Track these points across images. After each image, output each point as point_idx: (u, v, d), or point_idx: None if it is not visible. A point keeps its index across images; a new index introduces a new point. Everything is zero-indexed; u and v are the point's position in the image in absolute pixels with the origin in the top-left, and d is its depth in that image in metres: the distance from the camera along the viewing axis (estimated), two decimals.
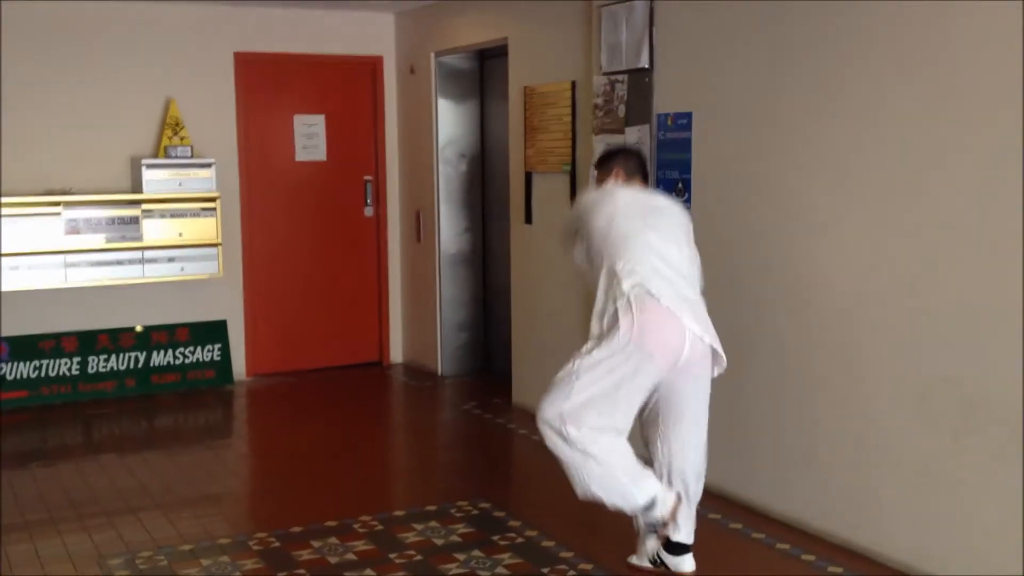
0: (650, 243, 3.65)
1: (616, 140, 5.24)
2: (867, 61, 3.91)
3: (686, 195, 4.83)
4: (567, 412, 3.48)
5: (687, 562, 3.80)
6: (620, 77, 5.21)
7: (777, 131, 4.34)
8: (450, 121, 7.28)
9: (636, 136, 5.11)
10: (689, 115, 4.80)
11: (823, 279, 4.15)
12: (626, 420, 3.56)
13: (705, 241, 4.74)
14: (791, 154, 4.28)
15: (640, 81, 5.08)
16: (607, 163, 4.07)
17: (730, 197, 4.62)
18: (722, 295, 4.66)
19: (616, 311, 3.53)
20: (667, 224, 3.79)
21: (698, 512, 4.37)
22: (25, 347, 6.62)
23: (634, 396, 3.55)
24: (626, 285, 3.54)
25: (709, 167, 4.72)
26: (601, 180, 4.03)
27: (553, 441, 3.55)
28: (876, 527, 3.95)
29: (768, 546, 4.14)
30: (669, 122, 4.93)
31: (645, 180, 4.07)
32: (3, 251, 6.23)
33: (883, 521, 3.93)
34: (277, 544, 4.22)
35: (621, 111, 5.23)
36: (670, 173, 4.93)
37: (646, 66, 5.03)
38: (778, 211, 4.36)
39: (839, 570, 3.88)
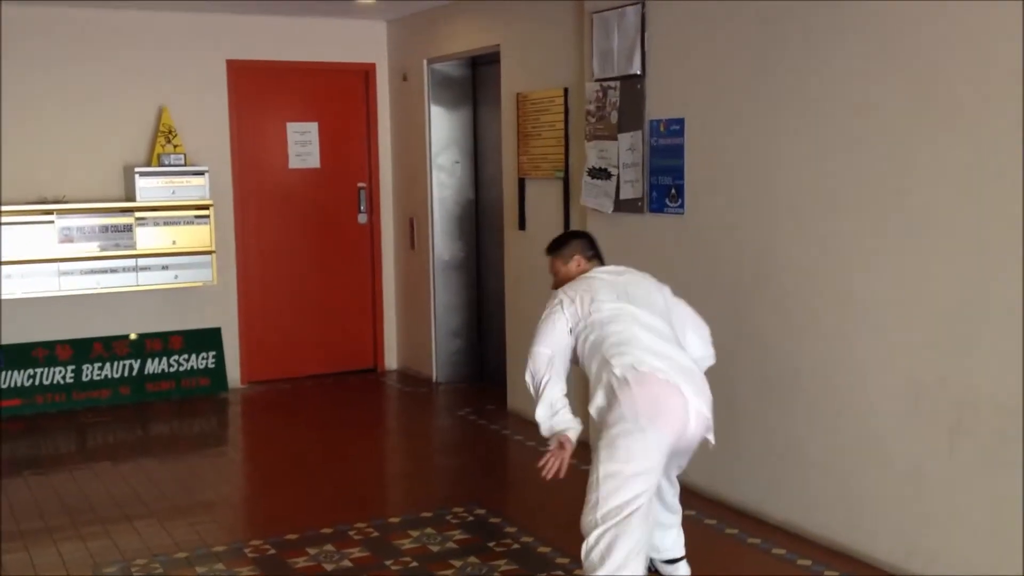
0: (637, 319, 3.51)
1: (609, 146, 5.26)
2: (859, 64, 3.93)
3: (679, 201, 4.85)
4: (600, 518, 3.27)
5: (681, 568, 3.81)
6: (612, 83, 5.23)
7: (769, 135, 4.36)
8: (443, 128, 7.30)
9: (629, 142, 5.13)
10: (681, 121, 4.82)
11: (815, 282, 4.17)
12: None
13: (697, 246, 4.77)
14: (783, 158, 4.30)
15: (632, 87, 5.10)
16: (563, 248, 3.91)
17: (723, 202, 4.63)
18: (713, 299, 4.67)
19: (612, 398, 3.35)
20: (644, 294, 3.65)
21: (693, 517, 4.39)
22: (19, 355, 6.60)
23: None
24: (618, 368, 3.36)
25: (702, 172, 4.74)
26: (559, 267, 3.89)
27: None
28: (870, 530, 3.97)
29: (763, 551, 4.15)
30: (662, 128, 4.95)
31: (602, 259, 3.94)
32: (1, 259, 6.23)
33: (877, 523, 3.94)
34: (273, 551, 4.21)
35: (614, 117, 5.24)
36: (663, 179, 4.95)
37: (638, 72, 5.04)
38: (770, 215, 4.38)
39: (834, 574, 3.89)
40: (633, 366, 3.35)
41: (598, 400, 3.41)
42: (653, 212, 5.03)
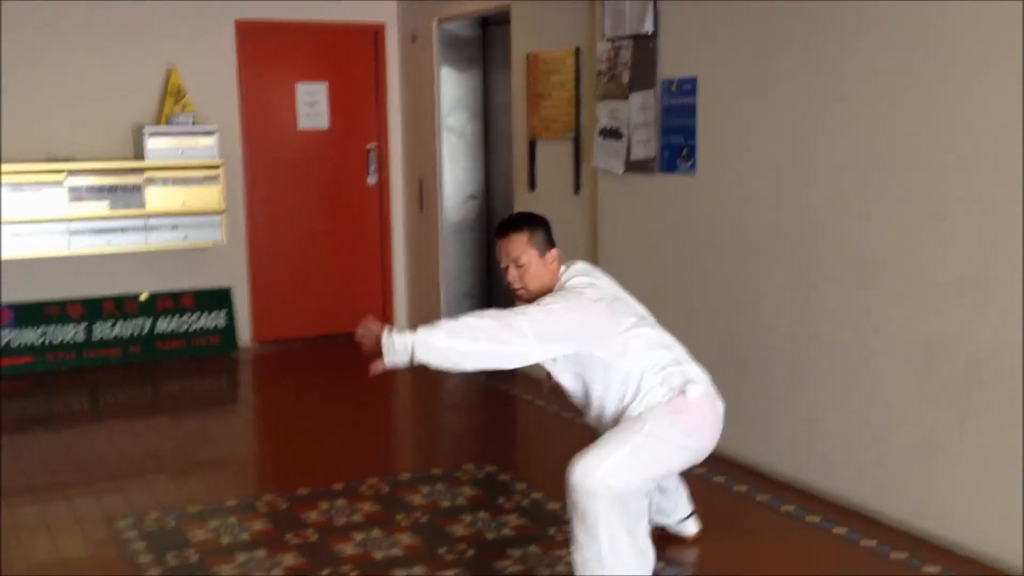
0: (648, 327, 3.42)
1: (621, 106, 5.23)
2: (875, 26, 3.90)
3: (691, 161, 4.83)
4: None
5: (690, 525, 3.83)
6: (624, 43, 5.19)
7: (783, 94, 4.33)
8: (453, 89, 7.26)
9: (640, 102, 5.10)
10: (694, 80, 4.79)
11: (827, 242, 4.16)
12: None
13: (710, 206, 4.76)
14: (796, 117, 4.27)
15: (644, 46, 5.06)
16: (537, 231, 3.40)
17: (735, 162, 4.61)
18: (725, 259, 4.67)
19: (671, 403, 3.27)
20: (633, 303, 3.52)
21: (702, 475, 4.41)
22: (30, 314, 6.63)
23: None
24: (656, 379, 3.28)
25: (714, 132, 4.71)
26: (530, 258, 3.37)
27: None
28: (880, 487, 3.98)
29: (772, 508, 4.17)
30: (674, 87, 4.92)
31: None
32: (6, 219, 6.23)
33: (888, 482, 3.96)
34: (284, 506, 4.25)
35: (625, 77, 5.21)
36: (675, 139, 4.92)
37: (650, 31, 5.01)
38: (783, 175, 4.36)
39: (843, 531, 3.91)
40: (667, 380, 3.31)
41: (656, 394, 3.29)
42: (665, 172, 5.01)
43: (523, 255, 3.36)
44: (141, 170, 6.60)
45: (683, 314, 4.92)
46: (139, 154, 6.70)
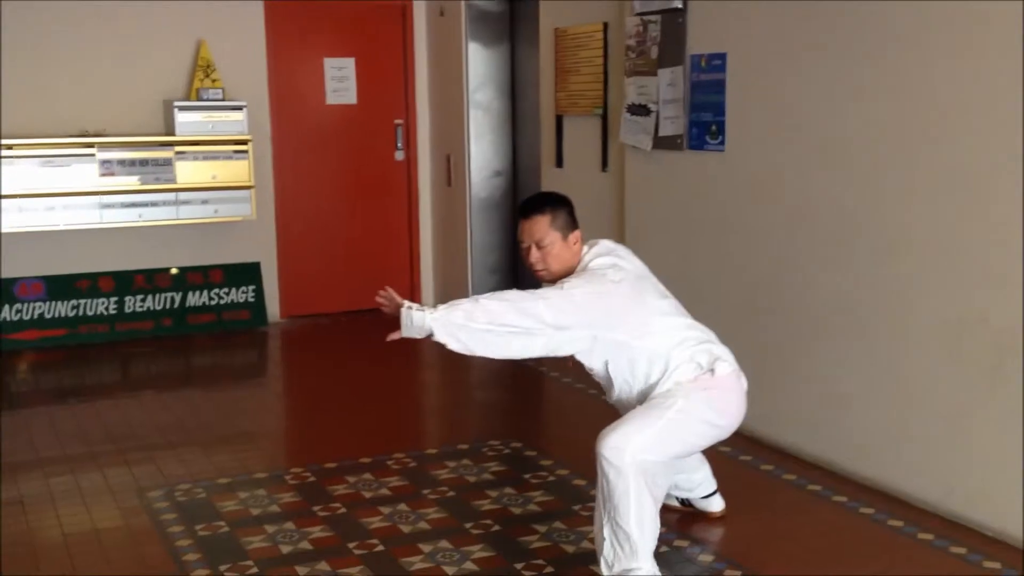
0: (674, 305, 3.46)
1: (649, 82, 5.21)
2: (907, 3, 3.86)
3: (720, 138, 4.80)
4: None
5: (715, 502, 3.84)
6: (653, 17, 5.16)
7: (812, 71, 4.29)
8: (480, 64, 7.25)
9: (669, 78, 5.07)
10: (723, 56, 4.76)
11: (856, 220, 4.13)
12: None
13: (739, 182, 4.74)
14: (826, 94, 4.23)
15: (673, 21, 5.03)
16: (560, 211, 3.38)
17: (764, 139, 4.58)
18: (753, 236, 4.66)
19: (700, 382, 3.29)
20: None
21: (728, 454, 4.42)
22: (62, 286, 6.72)
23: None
24: (684, 356, 3.31)
25: (743, 109, 4.68)
26: (552, 240, 3.34)
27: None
28: (907, 467, 3.97)
29: (799, 487, 4.17)
30: (703, 63, 4.89)
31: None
32: (40, 192, 6.31)
33: (915, 462, 3.95)
34: (313, 479, 4.30)
35: (654, 52, 5.18)
36: (703, 116, 4.90)
37: (680, 6, 4.97)
38: (813, 152, 4.33)
39: (870, 510, 3.91)
40: (723, 359, 3.36)
41: (684, 371, 3.30)
42: (693, 149, 4.99)
43: (545, 237, 3.34)
44: (171, 144, 6.65)
45: (710, 291, 4.92)
46: (169, 129, 6.74)
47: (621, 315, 3.27)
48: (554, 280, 3.36)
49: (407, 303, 3.21)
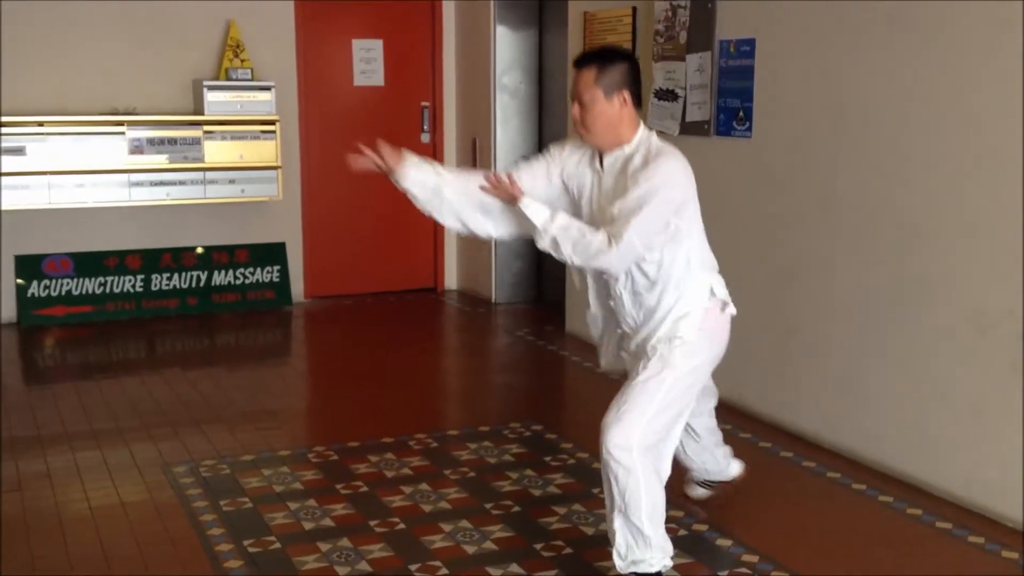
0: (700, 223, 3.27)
1: (677, 67, 5.19)
2: None
3: (747, 124, 4.79)
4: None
5: (734, 466, 3.80)
6: (682, 2, 5.14)
7: (842, 58, 4.27)
8: (508, 48, 7.24)
9: (697, 63, 5.05)
10: (752, 41, 4.74)
11: (882, 210, 4.11)
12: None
13: (764, 170, 4.72)
14: (854, 82, 4.21)
15: (703, 7, 5.01)
16: (610, 69, 3.05)
17: (791, 126, 4.57)
18: (778, 223, 4.65)
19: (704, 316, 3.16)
20: None
21: (748, 440, 4.43)
22: (90, 263, 6.79)
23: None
24: (720, 287, 3.22)
25: (771, 95, 4.66)
26: (595, 96, 3.04)
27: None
28: (928, 457, 3.97)
29: (818, 474, 4.18)
30: (732, 49, 4.87)
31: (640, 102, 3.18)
32: (69, 169, 6.37)
33: (936, 452, 3.94)
34: (335, 457, 4.34)
35: (683, 38, 5.16)
36: (731, 101, 4.88)
37: None
38: (840, 140, 4.31)
39: (889, 499, 3.91)
40: (720, 290, 3.24)
41: (687, 304, 3.15)
42: (720, 135, 4.98)
43: (586, 92, 3.06)
44: (199, 124, 6.70)
45: (734, 276, 4.89)
46: (198, 108, 6.79)
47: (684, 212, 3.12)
48: (594, 142, 3.12)
49: (524, 196, 3.13)
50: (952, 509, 3.80)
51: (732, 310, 3.28)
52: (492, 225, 3.33)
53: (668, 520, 3.18)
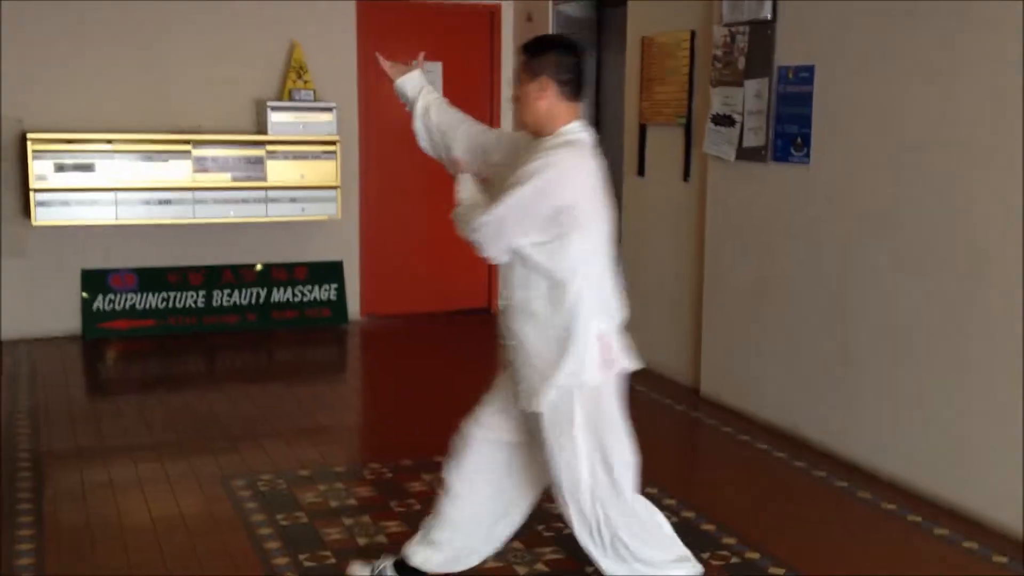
0: (605, 253, 2.95)
1: (735, 93, 5.21)
2: (1000, 15, 3.80)
3: (805, 150, 4.78)
4: None
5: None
6: (741, 28, 5.15)
7: (902, 85, 4.25)
8: None
9: (755, 89, 5.06)
10: (811, 68, 4.74)
11: (941, 236, 4.08)
12: None
13: (822, 197, 4.71)
14: (914, 109, 4.19)
15: (762, 32, 5.02)
16: (537, 60, 2.95)
17: (850, 153, 4.55)
18: (834, 249, 4.63)
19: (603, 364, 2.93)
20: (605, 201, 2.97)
21: (803, 469, 4.40)
22: (154, 279, 6.95)
23: None
24: (591, 325, 2.90)
25: (830, 122, 4.66)
26: (523, 85, 2.96)
27: None
28: (985, 491, 3.91)
29: (872, 505, 4.14)
30: (790, 75, 4.87)
31: (579, 91, 2.98)
32: (137, 186, 6.55)
33: (992, 484, 3.88)
34: (389, 475, 4.39)
35: (741, 63, 5.18)
36: (789, 128, 4.88)
37: (769, 17, 4.96)
38: (899, 168, 4.28)
39: (945, 532, 3.86)
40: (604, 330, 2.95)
41: (581, 360, 2.89)
42: (777, 161, 4.98)
43: (520, 78, 2.99)
44: (263, 143, 6.84)
45: (790, 304, 4.90)
46: (261, 128, 6.93)
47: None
48: (525, 129, 3.04)
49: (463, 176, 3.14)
50: (1009, 544, 3.74)
51: (621, 366, 3.02)
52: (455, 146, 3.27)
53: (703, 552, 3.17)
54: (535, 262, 2.87)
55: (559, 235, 2.83)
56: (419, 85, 3.32)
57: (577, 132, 2.95)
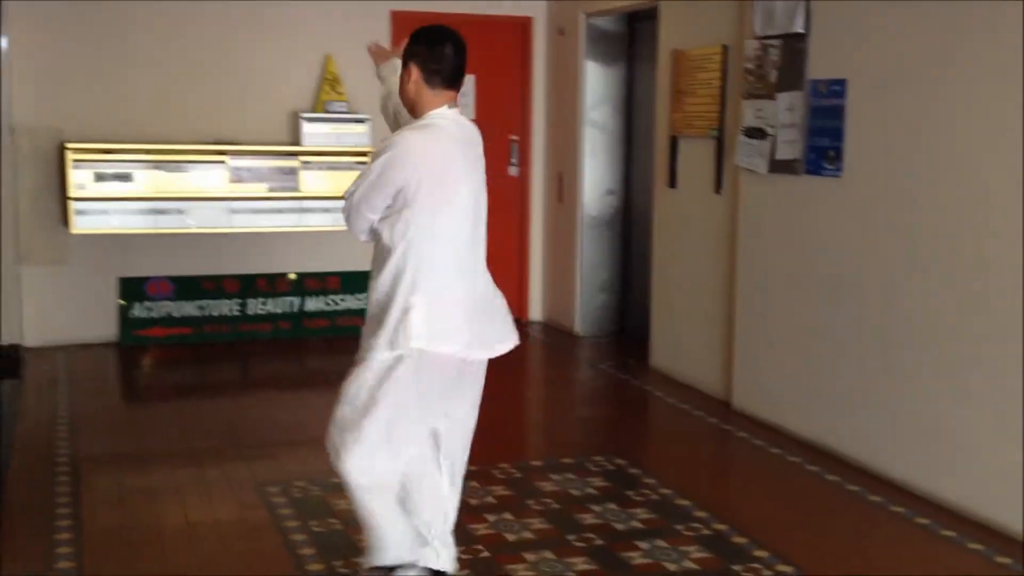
0: (444, 234, 3.10)
1: (767, 106, 5.22)
2: None
3: (838, 163, 4.79)
4: None
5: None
6: (774, 42, 5.17)
7: (935, 99, 4.25)
8: (597, 83, 7.33)
9: (788, 102, 5.07)
10: (843, 82, 4.74)
11: (975, 250, 4.07)
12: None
13: (855, 209, 4.71)
14: (948, 122, 4.19)
15: (794, 46, 5.04)
16: (410, 48, 3.16)
17: (883, 166, 4.55)
18: (868, 263, 4.62)
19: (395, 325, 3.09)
20: (467, 181, 3.15)
21: (835, 483, 4.39)
22: (190, 287, 7.04)
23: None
24: (406, 299, 3.10)
25: (863, 135, 4.66)
26: (403, 70, 3.18)
27: None
28: (1021, 506, 3.89)
29: (907, 519, 4.13)
30: (822, 88, 4.88)
31: (456, 88, 3.18)
32: (174, 195, 6.65)
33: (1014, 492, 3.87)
34: None
35: (773, 76, 5.19)
36: (821, 141, 4.89)
37: (801, 31, 4.97)
38: (932, 180, 4.28)
39: (979, 547, 3.84)
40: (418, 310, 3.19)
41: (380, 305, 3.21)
42: (809, 174, 4.98)
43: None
44: (297, 154, 6.93)
45: (823, 316, 4.89)
46: (296, 139, 7.02)
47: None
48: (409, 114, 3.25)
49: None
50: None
51: (420, 347, 3.11)
52: None
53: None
54: (379, 235, 3.17)
55: (397, 210, 3.08)
56: (396, 71, 3.39)
57: (437, 118, 3.15)
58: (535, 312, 8.01)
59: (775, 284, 5.26)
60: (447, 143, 3.14)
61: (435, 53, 3.12)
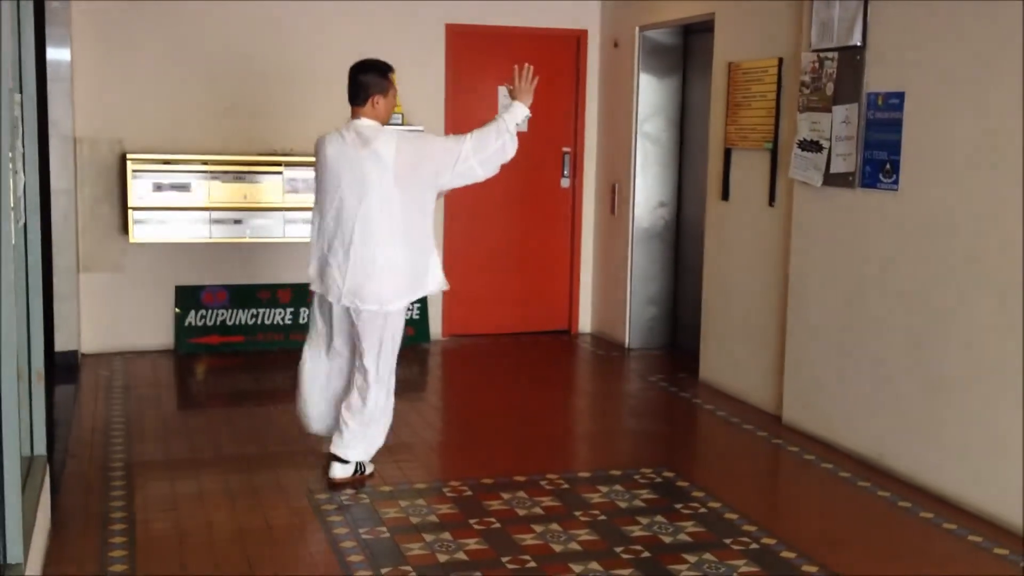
0: (327, 215, 4.77)
1: (822, 119, 5.18)
2: None
3: (894, 177, 4.73)
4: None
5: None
6: (830, 54, 5.12)
7: (994, 112, 4.18)
8: (651, 96, 7.32)
9: (844, 115, 5.02)
10: (901, 95, 4.69)
11: None
12: None
13: (912, 223, 4.64)
14: (1007, 137, 4.11)
15: (851, 59, 4.99)
16: (386, 85, 4.82)
17: (941, 180, 4.48)
18: (922, 276, 4.56)
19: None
20: (369, 168, 4.66)
21: (887, 499, 4.32)
22: (244, 296, 7.14)
23: None
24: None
25: (920, 149, 4.60)
26: None
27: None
28: None
29: (959, 537, 4.05)
30: (880, 101, 4.83)
31: (363, 102, 4.75)
32: (230, 205, 6.75)
33: None
34: (469, 493, 4.44)
35: (829, 89, 5.14)
36: (878, 154, 4.83)
37: (858, 43, 4.93)
38: (990, 195, 4.21)
39: (1005, 551, 3.77)
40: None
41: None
42: (865, 187, 4.93)
43: None
44: None
45: (875, 327, 4.83)
46: None
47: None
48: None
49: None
50: None
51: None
52: None
53: None
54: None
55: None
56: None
57: (338, 128, 4.77)
58: (585, 324, 8.00)
59: (827, 298, 5.20)
60: (326, 147, 5.02)
61: (350, 78, 4.93)
